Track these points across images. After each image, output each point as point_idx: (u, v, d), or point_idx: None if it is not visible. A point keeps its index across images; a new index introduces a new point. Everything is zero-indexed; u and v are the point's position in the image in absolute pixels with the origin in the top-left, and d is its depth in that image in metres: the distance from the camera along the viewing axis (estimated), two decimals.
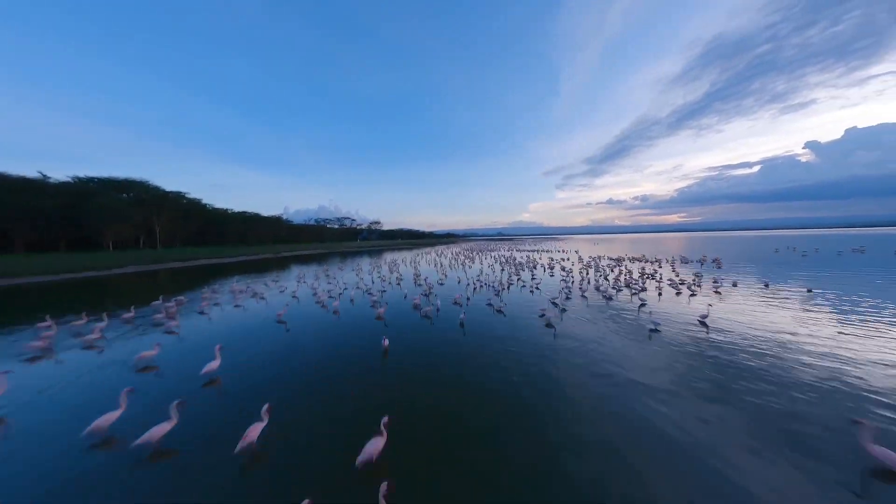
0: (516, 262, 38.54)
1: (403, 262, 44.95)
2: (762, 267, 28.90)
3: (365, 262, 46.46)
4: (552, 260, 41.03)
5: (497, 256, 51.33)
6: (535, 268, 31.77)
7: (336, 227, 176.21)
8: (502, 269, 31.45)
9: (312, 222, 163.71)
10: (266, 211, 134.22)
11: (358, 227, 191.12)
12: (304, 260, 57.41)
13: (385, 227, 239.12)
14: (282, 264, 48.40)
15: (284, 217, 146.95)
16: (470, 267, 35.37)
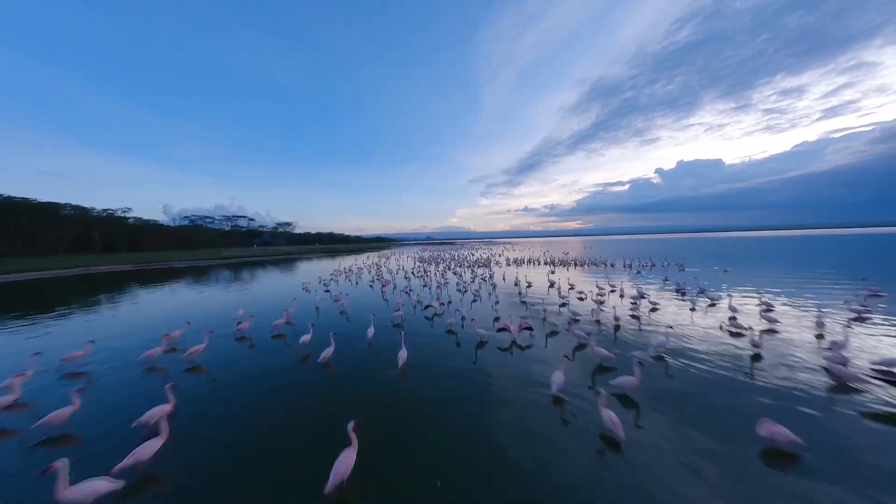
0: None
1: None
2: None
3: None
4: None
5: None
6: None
7: (227, 228, 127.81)
8: None
9: (186, 222, 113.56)
10: (140, 209, 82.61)
11: (260, 230, 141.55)
12: (121, 281, 24.03)
13: (302, 231, 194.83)
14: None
15: (164, 218, 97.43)
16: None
